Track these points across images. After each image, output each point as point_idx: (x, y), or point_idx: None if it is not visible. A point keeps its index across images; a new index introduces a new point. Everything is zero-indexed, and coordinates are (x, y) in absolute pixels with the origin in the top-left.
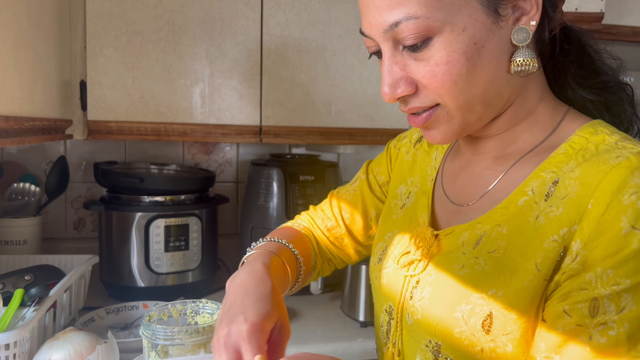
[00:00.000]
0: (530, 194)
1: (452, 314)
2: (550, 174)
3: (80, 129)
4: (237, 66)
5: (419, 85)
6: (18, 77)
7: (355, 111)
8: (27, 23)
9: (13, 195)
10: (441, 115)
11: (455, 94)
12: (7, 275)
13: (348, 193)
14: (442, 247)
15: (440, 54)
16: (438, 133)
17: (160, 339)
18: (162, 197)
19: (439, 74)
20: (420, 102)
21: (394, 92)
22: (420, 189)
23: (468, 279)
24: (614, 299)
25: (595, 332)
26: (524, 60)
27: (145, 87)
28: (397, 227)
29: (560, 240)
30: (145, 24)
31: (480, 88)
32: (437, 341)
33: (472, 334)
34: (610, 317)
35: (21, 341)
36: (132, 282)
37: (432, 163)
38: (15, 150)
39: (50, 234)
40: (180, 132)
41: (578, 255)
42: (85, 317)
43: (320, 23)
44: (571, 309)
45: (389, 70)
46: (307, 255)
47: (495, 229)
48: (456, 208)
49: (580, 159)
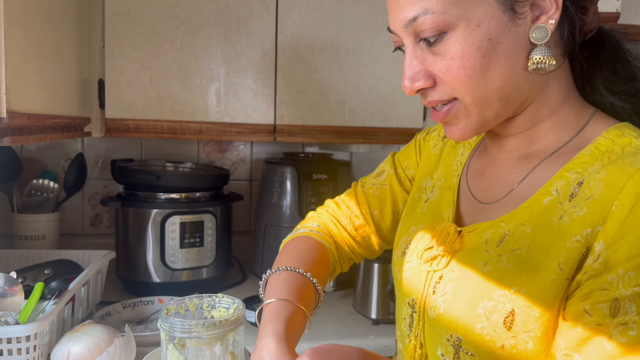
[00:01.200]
0: (554, 194)
1: (474, 310)
2: (575, 175)
3: (98, 127)
4: (252, 65)
5: (437, 79)
6: (40, 75)
7: (368, 110)
8: (49, 23)
9: (32, 191)
10: (459, 110)
11: (471, 88)
12: (28, 269)
13: (375, 187)
14: (465, 244)
15: (455, 49)
16: (457, 129)
17: (178, 331)
18: (177, 194)
19: (453, 68)
20: (439, 96)
21: (413, 85)
22: (445, 184)
23: (491, 276)
24: (635, 300)
25: (616, 331)
26: (540, 58)
27: (162, 86)
28: (421, 222)
29: (584, 241)
30: (162, 24)
31: (496, 84)
32: (459, 336)
33: (494, 330)
34: (630, 317)
35: (41, 333)
36: (147, 277)
37: (458, 158)
38: (34, 147)
39: (68, 229)
40: (196, 131)
41: (600, 255)
42: (102, 311)
43: (334, 23)
44: (592, 308)
45: (409, 63)
46: (326, 273)
47: (519, 228)
48: (480, 206)
49: (605, 161)
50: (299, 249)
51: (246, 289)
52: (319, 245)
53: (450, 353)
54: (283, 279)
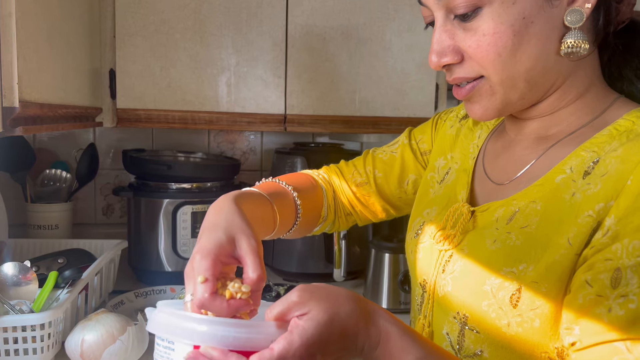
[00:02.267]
0: (568, 172)
1: (481, 287)
2: (591, 153)
3: (110, 117)
4: (263, 55)
5: (465, 56)
6: (52, 65)
7: (379, 100)
8: (61, 13)
9: (45, 181)
10: (484, 89)
11: (499, 67)
12: (41, 258)
13: (385, 153)
14: (477, 224)
15: (488, 25)
16: (480, 107)
17: None
18: (188, 184)
19: (484, 45)
20: (465, 73)
21: (440, 60)
22: (461, 167)
23: (499, 253)
24: (637, 271)
25: (615, 304)
26: (575, 42)
27: (173, 76)
28: (435, 204)
29: (595, 215)
30: (172, 14)
31: (525, 65)
32: (465, 313)
33: (500, 307)
34: (631, 289)
35: (55, 322)
36: (159, 266)
37: (475, 141)
38: (46, 138)
39: (80, 219)
40: (206, 121)
41: (610, 230)
42: (115, 300)
43: (345, 11)
44: (593, 279)
45: (438, 38)
46: (313, 202)
47: (529, 205)
48: (494, 186)
49: (624, 139)
50: (292, 176)
51: None
52: (312, 181)
53: (455, 331)
54: (261, 186)
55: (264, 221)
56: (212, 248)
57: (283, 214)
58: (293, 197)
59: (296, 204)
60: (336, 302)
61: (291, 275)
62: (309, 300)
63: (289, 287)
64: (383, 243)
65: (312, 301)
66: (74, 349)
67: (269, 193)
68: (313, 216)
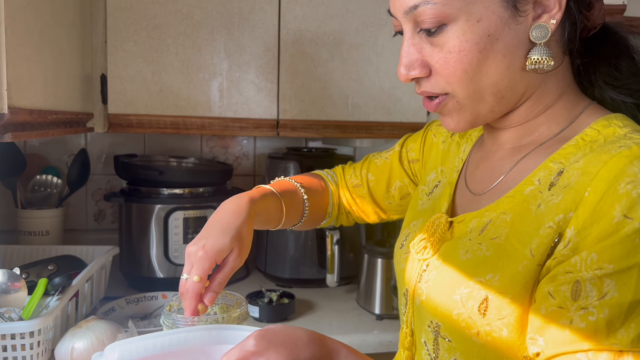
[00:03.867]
0: (536, 184)
1: (451, 297)
2: (557, 165)
3: (101, 122)
4: (255, 60)
5: (433, 70)
6: (42, 71)
7: (372, 105)
8: (52, 18)
9: (36, 187)
10: (450, 104)
11: (466, 82)
12: (31, 265)
13: (380, 159)
14: (454, 234)
15: (453, 42)
16: (451, 120)
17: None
18: (180, 190)
19: (450, 62)
20: (431, 87)
21: (409, 72)
22: (448, 180)
23: (469, 263)
24: (596, 284)
25: (576, 316)
26: (539, 59)
27: (165, 81)
28: (422, 216)
29: (555, 227)
30: (164, 18)
31: (491, 79)
32: (438, 322)
33: (469, 316)
34: (591, 301)
35: (45, 329)
36: (151, 273)
37: (460, 155)
38: (37, 143)
39: (72, 225)
40: (198, 126)
41: (570, 241)
42: (106, 306)
43: (337, 17)
44: (555, 290)
45: (407, 50)
46: (320, 200)
47: (500, 217)
48: (472, 197)
49: (587, 150)
50: (302, 176)
51: (250, 284)
52: (320, 181)
53: (431, 339)
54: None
55: (272, 216)
56: (215, 253)
57: (290, 210)
58: (301, 195)
59: (304, 200)
60: (295, 349)
61: (284, 280)
62: (266, 349)
63: (281, 293)
64: (376, 248)
65: (270, 350)
66: (63, 356)
67: (280, 191)
68: (319, 212)
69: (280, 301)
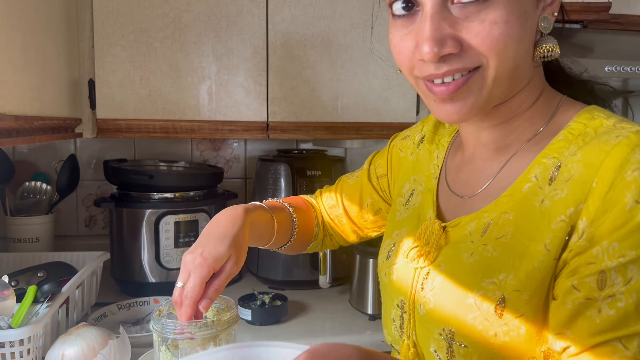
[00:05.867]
0: (534, 180)
1: (464, 301)
2: (552, 160)
3: (90, 128)
4: (244, 63)
5: (465, 45)
6: (28, 76)
7: (361, 106)
8: (36, 23)
9: (25, 193)
10: (476, 81)
11: (502, 58)
12: (21, 272)
13: (351, 179)
14: (450, 238)
15: (501, 13)
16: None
17: (170, 332)
18: (171, 194)
19: (495, 33)
20: (464, 63)
21: (441, 49)
22: (426, 188)
23: (478, 265)
24: (620, 271)
25: (604, 304)
26: (552, 47)
27: (153, 85)
28: (404, 225)
29: (568, 220)
30: (151, 22)
31: (516, 61)
32: (451, 329)
33: (486, 318)
34: (618, 288)
35: (35, 337)
36: (143, 277)
37: (434, 162)
38: (26, 149)
39: (63, 231)
40: (188, 129)
41: (584, 232)
42: (98, 312)
43: (325, 18)
44: (580, 283)
45: (437, 26)
46: (307, 220)
47: (502, 216)
48: (461, 200)
49: (580, 143)
50: (289, 198)
51: (242, 287)
52: (307, 203)
53: (443, 348)
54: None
55: (264, 230)
56: (213, 260)
57: (281, 227)
58: (289, 212)
59: (292, 219)
60: None
61: (277, 283)
62: None
63: (274, 295)
64: (367, 249)
65: None
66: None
67: (271, 207)
68: (307, 232)
69: (273, 303)
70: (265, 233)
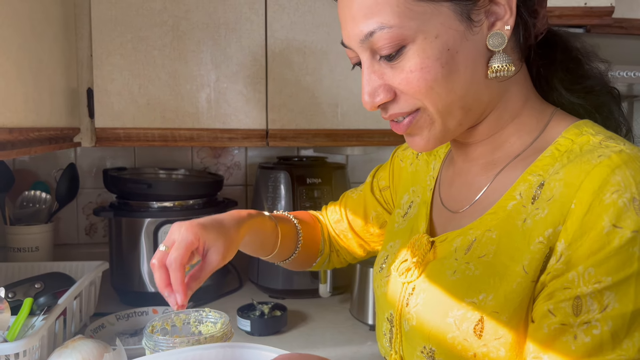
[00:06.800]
0: (518, 198)
1: (444, 320)
2: (537, 177)
3: (88, 137)
4: (243, 70)
5: (397, 92)
6: (22, 88)
7: (361, 112)
8: (31, 34)
9: (24, 202)
10: (422, 119)
11: (434, 99)
12: (18, 283)
13: (355, 193)
14: (437, 254)
15: (414, 61)
16: (420, 139)
17: (163, 349)
18: (170, 203)
19: (413, 81)
20: (400, 108)
21: (374, 100)
22: (422, 200)
23: (459, 284)
24: (596, 297)
25: (580, 331)
26: (500, 66)
27: (152, 93)
28: (399, 237)
29: (546, 242)
30: (150, 31)
31: (458, 93)
32: (432, 347)
33: (465, 339)
34: (593, 315)
35: (31, 350)
36: (142, 287)
37: (430, 173)
38: (26, 158)
39: (63, 240)
40: (187, 138)
41: (562, 255)
42: (96, 323)
43: (324, 25)
44: (555, 308)
45: (368, 79)
46: (313, 234)
47: (485, 234)
48: (451, 215)
49: (565, 161)
50: (296, 212)
51: (242, 296)
52: (314, 218)
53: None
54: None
55: (268, 238)
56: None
57: (285, 237)
58: (295, 225)
59: (297, 230)
60: None
61: (277, 292)
62: None
63: (273, 305)
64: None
65: None
66: None
67: (276, 217)
68: (312, 247)
69: (273, 314)
70: (268, 242)
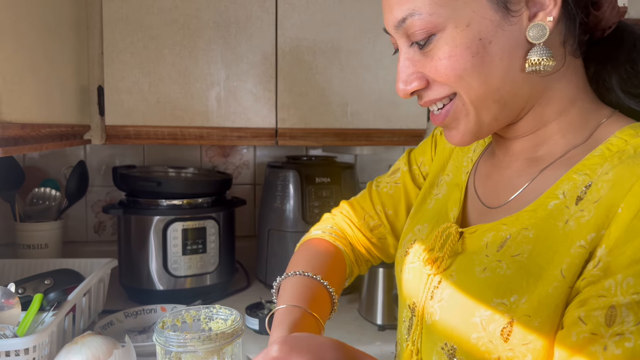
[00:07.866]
0: (561, 197)
1: (470, 319)
2: (583, 177)
3: (98, 134)
4: (253, 69)
5: (430, 80)
6: (35, 84)
7: (371, 112)
8: (45, 31)
9: (34, 199)
10: (458, 109)
11: (465, 88)
12: (28, 279)
13: (389, 186)
14: (466, 247)
15: (444, 49)
16: (457, 133)
17: (174, 345)
18: (179, 201)
19: (442, 69)
20: (434, 94)
21: (407, 87)
22: (453, 181)
23: (489, 282)
24: (632, 309)
25: (611, 342)
26: (538, 60)
27: (162, 92)
28: (426, 220)
29: (588, 246)
30: (160, 29)
31: (492, 85)
32: (453, 345)
33: (490, 341)
34: (627, 327)
35: (40, 345)
36: (150, 285)
37: (469, 155)
38: (37, 155)
39: (72, 237)
40: (196, 136)
41: (601, 261)
42: (105, 320)
43: (335, 24)
44: (587, 316)
45: (402, 65)
46: (340, 275)
47: (521, 232)
48: (486, 210)
49: (616, 161)
50: (310, 251)
51: (251, 295)
52: (332, 248)
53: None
54: (292, 285)
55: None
56: None
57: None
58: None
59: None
60: (319, 353)
61: None
62: (289, 354)
63: None
64: None
65: (294, 354)
66: None
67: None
68: (341, 282)
69: None
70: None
